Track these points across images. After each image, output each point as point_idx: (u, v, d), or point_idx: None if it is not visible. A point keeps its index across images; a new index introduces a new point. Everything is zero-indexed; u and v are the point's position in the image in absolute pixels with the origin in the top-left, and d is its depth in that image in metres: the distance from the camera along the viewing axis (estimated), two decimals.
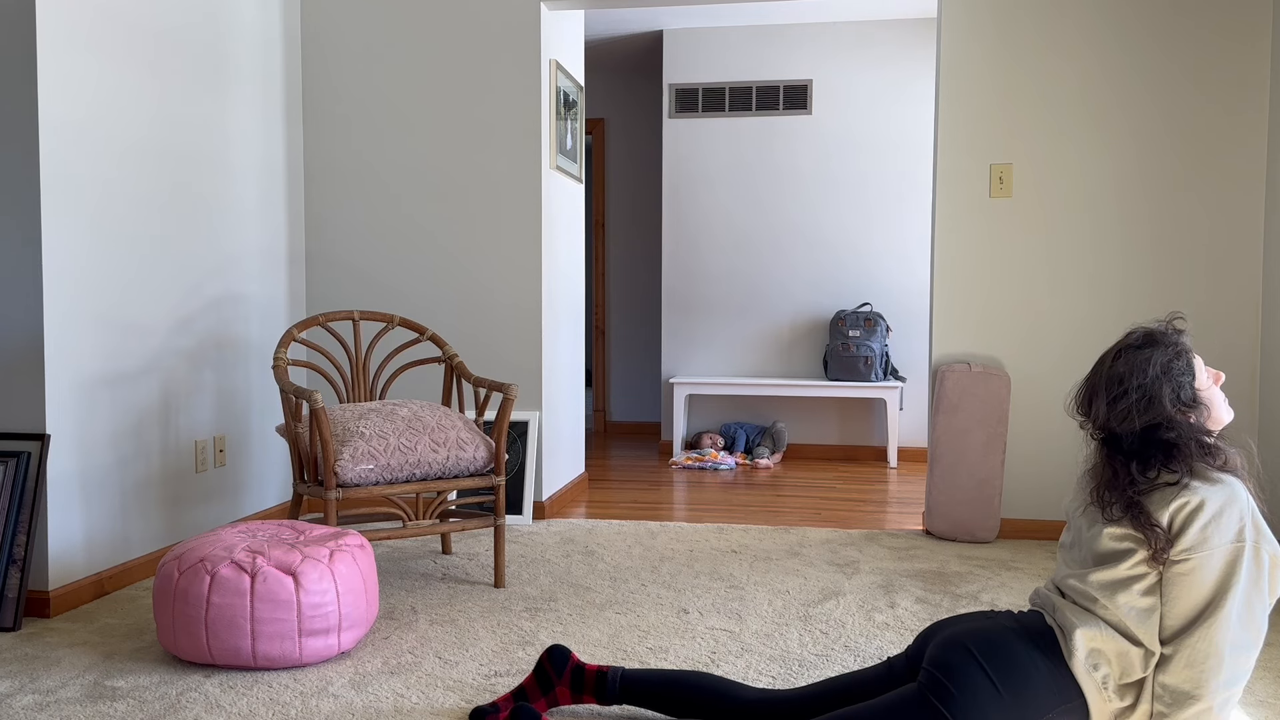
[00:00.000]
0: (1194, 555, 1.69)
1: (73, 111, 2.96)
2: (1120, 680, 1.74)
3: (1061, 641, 1.78)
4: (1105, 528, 1.79)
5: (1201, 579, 1.69)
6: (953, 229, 3.96)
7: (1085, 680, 1.74)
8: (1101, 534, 1.79)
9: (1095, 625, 1.76)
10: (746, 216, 6.16)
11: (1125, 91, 3.85)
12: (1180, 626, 1.70)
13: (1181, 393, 1.77)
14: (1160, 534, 1.71)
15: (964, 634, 1.80)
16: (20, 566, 2.78)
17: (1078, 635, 1.75)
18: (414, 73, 4.25)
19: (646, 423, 7.16)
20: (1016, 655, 1.75)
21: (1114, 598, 1.75)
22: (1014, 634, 1.78)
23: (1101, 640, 1.75)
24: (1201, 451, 1.75)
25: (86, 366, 3.04)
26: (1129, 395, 1.78)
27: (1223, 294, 3.82)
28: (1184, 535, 1.70)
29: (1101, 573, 1.78)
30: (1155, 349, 1.80)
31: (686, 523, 4.17)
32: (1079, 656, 1.75)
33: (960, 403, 3.85)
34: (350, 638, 2.53)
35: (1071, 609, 1.80)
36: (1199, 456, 1.75)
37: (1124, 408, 1.78)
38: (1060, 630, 1.79)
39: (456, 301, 4.26)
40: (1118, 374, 1.80)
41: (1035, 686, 1.73)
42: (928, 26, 5.93)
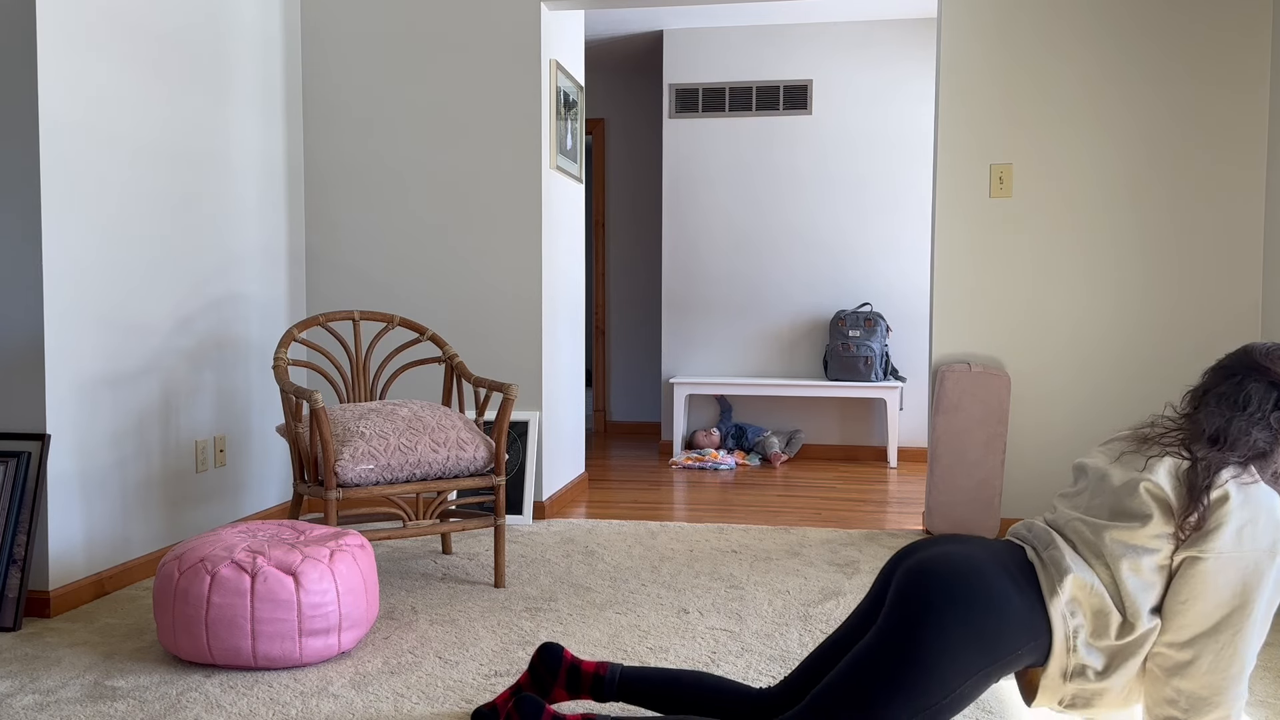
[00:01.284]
0: (1225, 555, 1.65)
1: (73, 111, 2.96)
2: (1089, 638, 1.71)
3: (1044, 578, 1.74)
4: (1144, 482, 1.73)
5: (1227, 580, 1.65)
6: (953, 229, 3.96)
7: (1058, 625, 1.70)
8: (1138, 487, 1.73)
9: (1089, 576, 1.72)
10: (746, 216, 6.17)
11: (1125, 91, 3.85)
12: (1205, 629, 1.65)
13: None
14: (1203, 515, 1.66)
15: (929, 561, 1.75)
16: (20, 566, 2.79)
17: (1070, 579, 1.71)
18: (414, 73, 4.26)
19: (646, 423, 7.16)
20: (989, 584, 1.70)
21: (1120, 561, 1.71)
22: (986, 561, 1.74)
23: (1088, 593, 1.71)
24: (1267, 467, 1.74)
25: (87, 366, 3.04)
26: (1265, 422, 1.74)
27: (1223, 294, 3.82)
28: (1219, 533, 1.66)
29: (1119, 531, 1.73)
30: None
31: (686, 523, 4.17)
32: (1062, 599, 1.71)
33: (960, 403, 3.86)
34: (350, 638, 2.53)
35: (1070, 552, 1.76)
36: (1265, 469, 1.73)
37: (1255, 432, 1.74)
38: (1049, 566, 1.75)
39: (457, 301, 4.26)
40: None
41: (1007, 619, 1.68)
42: (928, 26, 5.93)
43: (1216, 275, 3.82)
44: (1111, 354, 3.89)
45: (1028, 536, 1.85)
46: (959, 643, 1.66)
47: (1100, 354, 3.90)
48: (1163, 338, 3.86)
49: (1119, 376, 3.89)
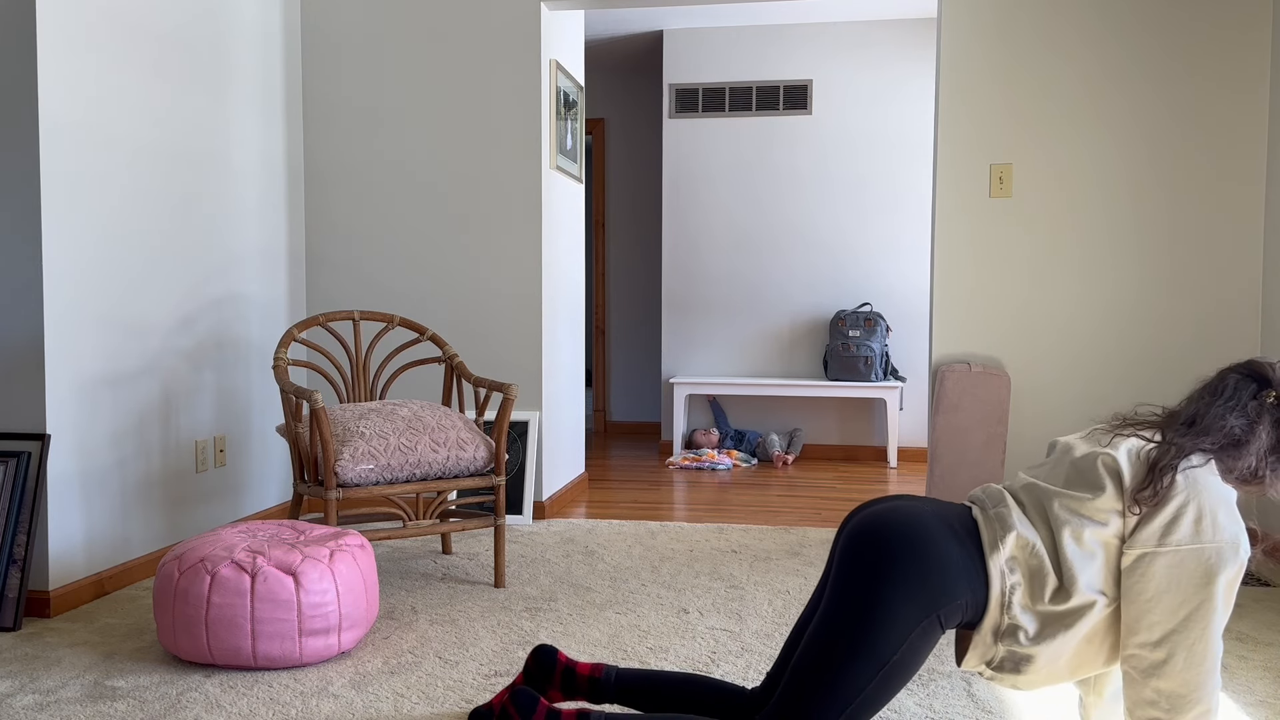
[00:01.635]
0: (1184, 549, 1.65)
1: (73, 111, 2.96)
2: (1024, 599, 1.72)
3: (986, 533, 1.75)
4: (1102, 455, 1.75)
5: (1190, 573, 1.64)
6: (953, 229, 3.96)
7: (995, 580, 1.71)
8: (1095, 460, 1.75)
9: (1032, 535, 1.73)
10: (746, 216, 6.17)
11: (1125, 91, 3.85)
12: (1175, 626, 1.64)
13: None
14: (1158, 495, 1.67)
15: (871, 518, 1.77)
16: (20, 566, 2.79)
17: (1012, 536, 1.73)
18: (414, 73, 4.26)
19: (646, 423, 7.16)
20: (930, 535, 1.72)
21: (1063, 526, 1.72)
22: (929, 515, 1.76)
23: (1028, 553, 1.72)
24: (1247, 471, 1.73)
25: (87, 366, 3.04)
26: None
27: (1223, 294, 3.82)
28: (1177, 526, 1.65)
29: (1069, 499, 1.75)
30: None
31: (686, 523, 4.17)
32: (1002, 554, 1.72)
33: (960, 403, 3.86)
34: (350, 638, 2.53)
35: (1017, 512, 1.77)
36: (1238, 468, 1.73)
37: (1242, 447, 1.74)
38: (994, 522, 1.76)
39: (457, 301, 4.26)
40: None
41: (947, 569, 1.70)
42: (928, 26, 5.93)
43: (1216, 275, 3.82)
44: (1112, 353, 3.89)
45: (980, 497, 1.87)
46: (903, 593, 1.69)
47: (1100, 353, 3.90)
48: (1163, 337, 3.86)
49: (1119, 376, 3.89)
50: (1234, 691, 2.34)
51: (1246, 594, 3.14)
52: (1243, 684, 2.39)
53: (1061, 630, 1.71)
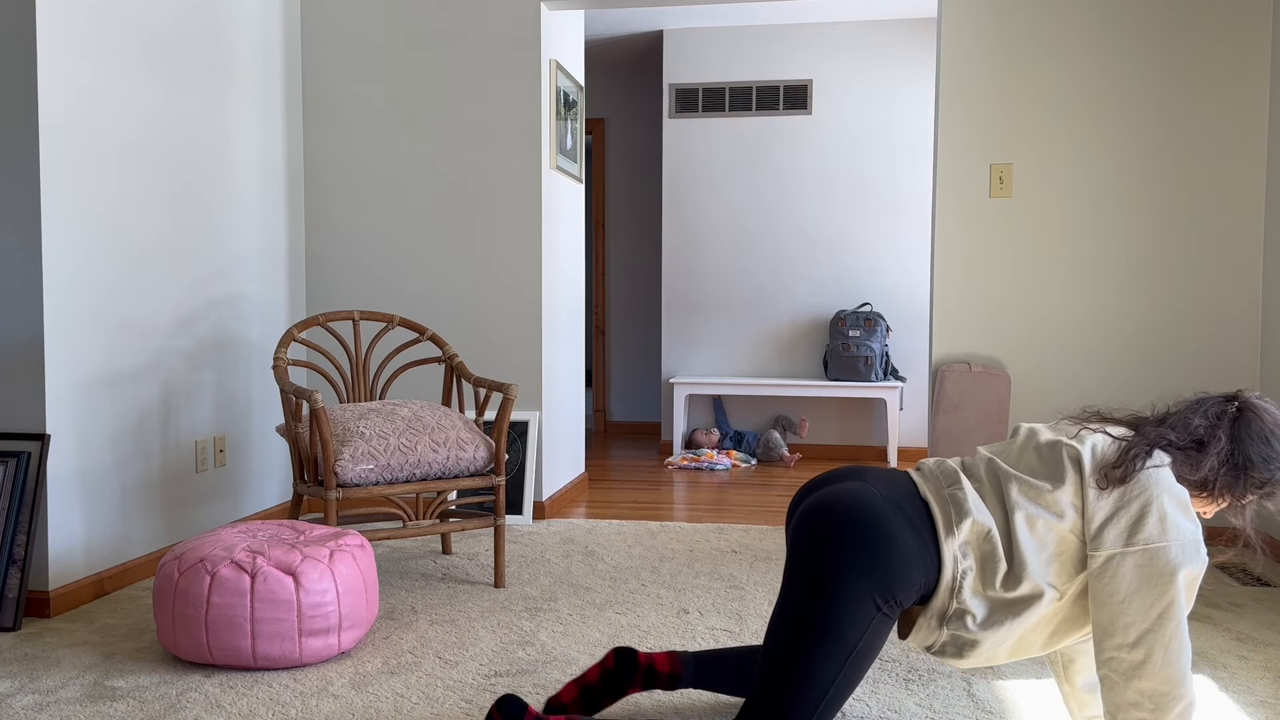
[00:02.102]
0: (1152, 546, 1.65)
1: (73, 110, 2.96)
2: (974, 584, 1.73)
3: (940, 516, 1.76)
4: (1067, 446, 1.77)
5: (1159, 570, 1.65)
6: (953, 229, 3.96)
7: (948, 564, 1.73)
8: (1060, 450, 1.78)
9: (987, 521, 1.74)
10: (746, 216, 6.17)
11: (1125, 91, 3.85)
12: (1150, 625, 1.64)
13: (1258, 477, 1.74)
14: (1126, 475, 1.69)
15: (819, 501, 1.78)
16: (20, 566, 2.79)
17: (968, 522, 1.74)
18: (414, 72, 4.26)
19: (646, 423, 7.16)
20: (878, 516, 1.73)
21: (1017, 511, 1.74)
22: (877, 497, 1.76)
23: (982, 539, 1.74)
24: (1208, 479, 1.75)
25: (86, 366, 3.04)
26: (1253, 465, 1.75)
27: (1223, 293, 3.82)
28: (1143, 524, 1.66)
29: (1027, 486, 1.76)
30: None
31: (686, 523, 4.17)
32: (957, 539, 1.74)
33: (960, 403, 3.86)
34: (350, 638, 2.53)
35: (973, 495, 1.78)
36: (1196, 474, 1.74)
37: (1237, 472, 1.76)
38: (949, 505, 1.77)
39: (456, 301, 4.26)
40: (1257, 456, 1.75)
41: (898, 550, 1.71)
42: (928, 26, 5.93)
43: (1217, 275, 3.82)
44: (1112, 353, 3.89)
45: (931, 472, 1.87)
46: (861, 580, 1.70)
47: (1100, 353, 3.90)
48: (1163, 337, 3.86)
49: (1119, 376, 3.89)
50: (1234, 691, 2.34)
51: (1247, 594, 3.14)
52: (1243, 684, 2.39)
53: (1009, 618, 1.73)
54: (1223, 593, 3.15)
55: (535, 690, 2.33)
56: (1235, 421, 1.76)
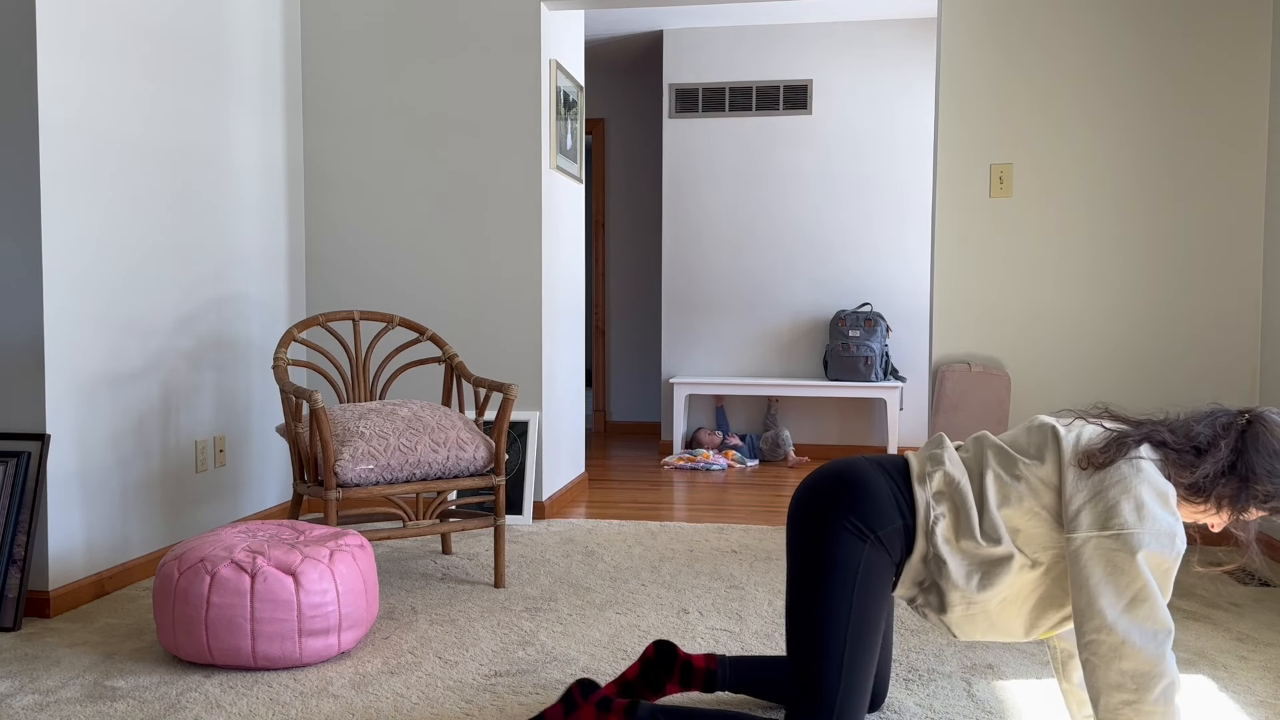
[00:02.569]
0: (1126, 531, 1.68)
1: (73, 111, 2.96)
2: (947, 533, 1.82)
3: (916, 467, 1.88)
4: (1055, 428, 1.84)
5: (1132, 551, 1.67)
6: (953, 229, 3.96)
7: (921, 508, 1.83)
8: (1047, 431, 1.85)
9: (959, 474, 1.84)
10: (747, 216, 6.17)
11: (1125, 91, 3.85)
12: (1126, 605, 1.67)
13: (1263, 490, 1.74)
14: (1109, 458, 1.73)
15: (804, 484, 1.95)
16: (20, 566, 2.79)
17: (940, 472, 1.85)
18: (414, 72, 4.25)
19: (646, 423, 7.16)
20: (857, 471, 1.87)
21: (988, 470, 1.83)
22: (857, 459, 1.92)
23: (954, 488, 1.83)
24: (1206, 481, 1.75)
25: (86, 366, 3.04)
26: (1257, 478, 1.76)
27: (1223, 292, 3.82)
28: (1119, 510, 1.69)
29: (1006, 458, 1.85)
30: None
31: (686, 523, 4.17)
32: (930, 486, 1.85)
33: (960, 403, 3.86)
34: (350, 638, 2.53)
35: (952, 453, 1.89)
36: (1192, 475, 1.76)
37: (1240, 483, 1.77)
38: (926, 460, 1.89)
39: (457, 301, 4.26)
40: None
41: (877, 496, 1.84)
42: (928, 26, 5.93)
43: (1217, 274, 3.82)
44: (1112, 353, 3.89)
45: (924, 444, 2.01)
46: (840, 522, 1.83)
47: (1100, 353, 3.90)
48: (1163, 337, 3.86)
49: (1120, 375, 3.89)
50: (1234, 691, 2.34)
51: (1247, 594, 3.14)
52: (1243, 684, 2.39)
53: (983, 578, 1.79)
54: (1223, 593, 3.15)
55: (535, 690, 2.33)
56: (1243, 433, 1.77)
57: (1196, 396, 3.83)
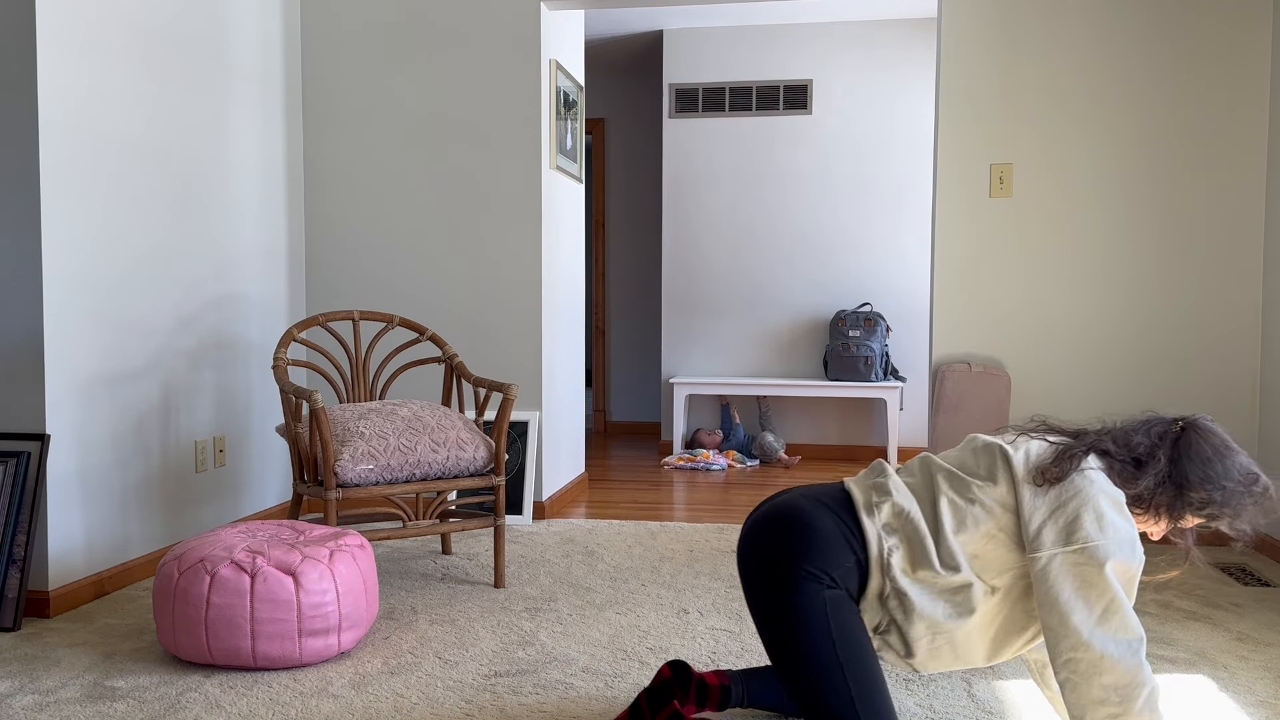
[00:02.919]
0: (1090, 545, 1.67)
1: (72, 111, 2.96)
2: (903, 565, 1.78)
3: (862, 499, 1.84)
4: (1002, 447, 1.82)
5: (1098, 565, 1.66)
6: (953, 229, 3.96)
7: (873, 542, 1.79)
8: (994, 451, 1.82)
9: (909, 504, 1.81)
10: (746, 216, 6.17)
11: (1126, 91, 3.85)
12: (1097, 619, 1.66)
13: (1197, 498, 1.76)
14: (1062, 474, 1.72)
15: (747, 536, 1.87)
16: (20, 566, 2.78)
17: (888, 504, 1.81)
18: (414, 72, 4.25)
19: (646, 423, 7.16)
20: (800, 512, 1.82)
21: (941, 495, 1.80)
22: (796, 498, 1.86)
23: (904, 519, 1.79)
24: (1149, 492, 1.77)
25: (86, 366, 3.04)
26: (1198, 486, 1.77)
27: (1223, 293, 3.82)
28: (1080, 524, 1.69)
29: (956, 480, 1.82)
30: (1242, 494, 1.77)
31: (686, 523, 4.17)
32: (878, 518, 1.81)
33: (960, 403, 3.85)
34: (350, 638, 2.53)
35: (896, 482, 1.85)
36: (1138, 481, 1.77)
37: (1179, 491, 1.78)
38: (871, 490, 1.85)
39: (456, 301, 4.26)
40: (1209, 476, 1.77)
41: (826, 536, 1.78)
42: (928, 26, 5.93)
43: (1217, 275, 3.82)
44: (1112, 353, 3.89)
45: (865, 472, 1.95)
46: (795, 572, 1.77)
47: (1100, 354, 3.90)
48: (1163, 337, 3.86)
49: (1119, 375, 3.89)
50: (1234, 691, 2.34)
51: (1247, 594, 3.14)
52: (1243, 684, 2.39)
53: (946, 605, 1.76)
54: (1223, 593, 3.15)
55: (535, 690, 2.33)
56: (1177, 441, 1.79)
57: (1197, 394, 3.83)
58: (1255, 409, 3.80)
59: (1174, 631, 2.78)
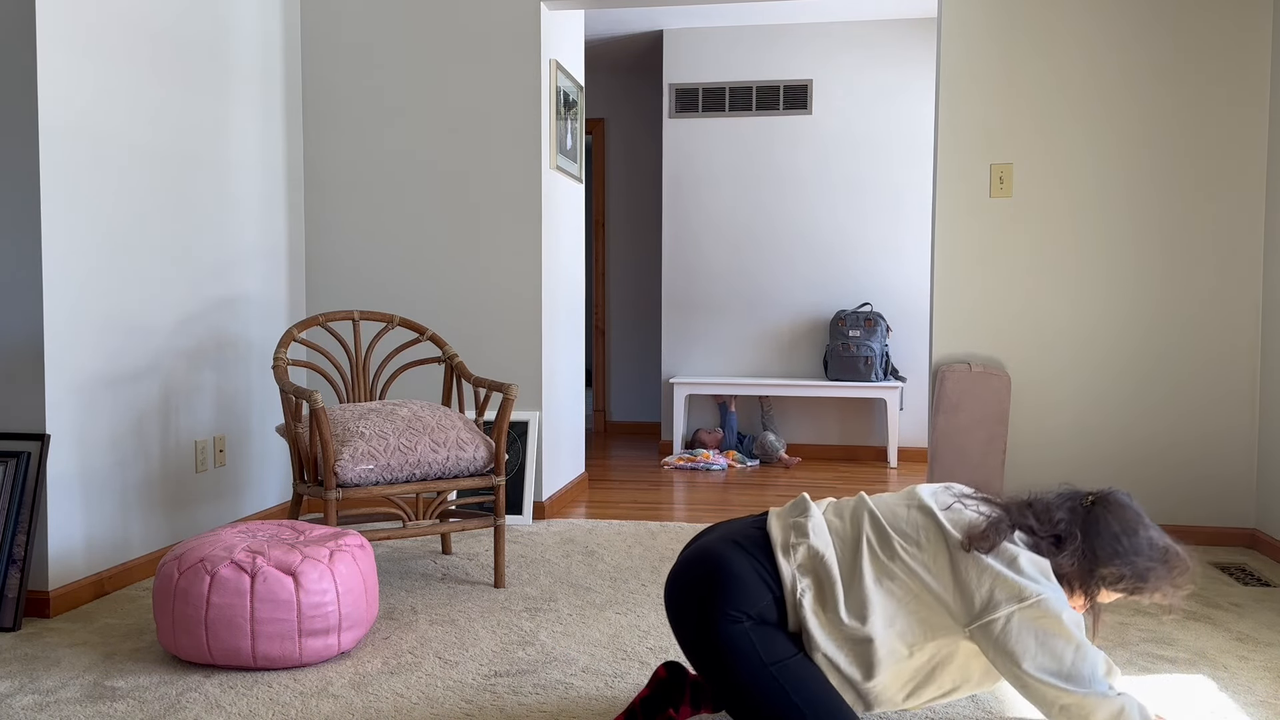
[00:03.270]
0: (1030, 601, 1.72)
1: (73, 111, 2.96)
2: (813, 605, 1.82)
3: (780, 538, 1.88)
4: (936, 515, 1.84)
5: (1049, 620, 1.71)
6: (953, 229, 3.96)
7: (786, 579, 1.83)
8: (932, 515, 1.85)
9: (824, 549, 1.85)
10: (746, 216, 6.17)
11: (1126, 91, 3.85)
12: (1073, 663, 1.70)
13: (1110, 573, 1.81)
14: (991, 546, 1.76)
15: (671, 585, 1.93)
16: (20, 566, 2.79)
17: (804, 547, 1.86)
18: (414, 73, 4.25)
19: (646, 423, 7.16)
20: (715, 557, 1.87)
21: (869, 556, 1.83)
22: (715, 540, 1.91)
23: (818, 561, 1.84)
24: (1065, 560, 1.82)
25: (86, 367, 3.04)
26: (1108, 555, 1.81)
27: (1223, 293, 3.82)
28: (1019, 581, 1.73)
29: (886, 536, 1.84)
30: (1155, 565, 1.82)
31: (686, 523, 4.17)
32: (794, 559, 1.85)
33: (960, 403, 3.85)
34: (350, 638, 2.53)
35: (819, 525, 1.89)
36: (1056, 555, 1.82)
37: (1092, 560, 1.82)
38: (788, 530, 1.89)
39: (457, 301, 4.26)
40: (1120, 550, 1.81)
41: (741, 575, 1.83)
42: (928, 26, 5.93)
43: (1217, 274, 3.82)
44: (1112, 353, 3.89)
45: (789, 506, 1.99)
46: (707, 602, 1.82)
47: (1100, 353, 3.90)
48: (1163, 337, 3.86)
49: (1119, 376, 3.89)
50: (1234, 691, 2.34)
51: (1247, 594, 3.14)
52: (1243, 684, 2.39)
53: (844, 658, 1.80)
54: (1223, 593, 3.15)
55: (535, 690, 2.33)
56: (1087, 516, 1.82)
57: (1197, 392, 3.83)
58: (1255, 408, 3.80)
59: (1174, 631, 2.78)
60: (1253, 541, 3.78)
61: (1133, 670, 2.49)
